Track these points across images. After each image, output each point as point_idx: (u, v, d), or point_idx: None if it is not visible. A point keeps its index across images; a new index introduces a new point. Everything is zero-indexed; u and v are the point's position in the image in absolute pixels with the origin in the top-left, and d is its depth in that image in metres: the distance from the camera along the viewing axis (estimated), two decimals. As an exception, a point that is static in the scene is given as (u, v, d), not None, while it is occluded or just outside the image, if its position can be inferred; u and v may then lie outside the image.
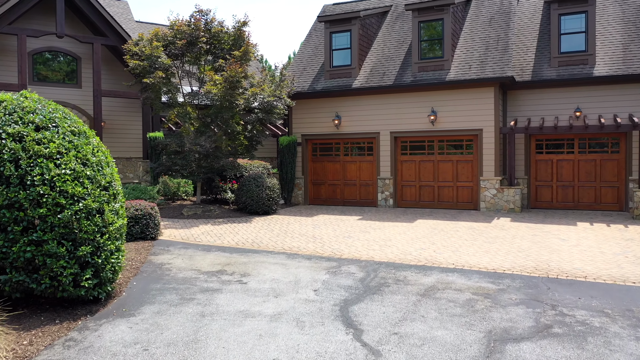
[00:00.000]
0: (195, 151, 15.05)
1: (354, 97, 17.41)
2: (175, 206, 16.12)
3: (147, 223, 10.98)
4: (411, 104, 16.63)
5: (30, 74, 17.84)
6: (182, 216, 14.75)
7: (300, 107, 18.24)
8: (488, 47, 16.56)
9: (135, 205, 11.06)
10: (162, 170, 15.58)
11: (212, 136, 14.93)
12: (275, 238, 11.67)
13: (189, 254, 9.84)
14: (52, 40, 18.09)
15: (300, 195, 18.39)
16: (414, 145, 16.99)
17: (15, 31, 16.26)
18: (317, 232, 12.43)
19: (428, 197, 16.78)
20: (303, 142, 18.31)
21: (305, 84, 18.18)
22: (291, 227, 13.30)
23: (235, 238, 11.67)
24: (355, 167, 17.80)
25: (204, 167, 15.14)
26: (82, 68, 18.78)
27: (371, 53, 18.36)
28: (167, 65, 14.76)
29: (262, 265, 8.86)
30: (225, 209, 16.01)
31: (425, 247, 10.45)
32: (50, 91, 18.19)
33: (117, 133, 19.35)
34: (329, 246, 10.68)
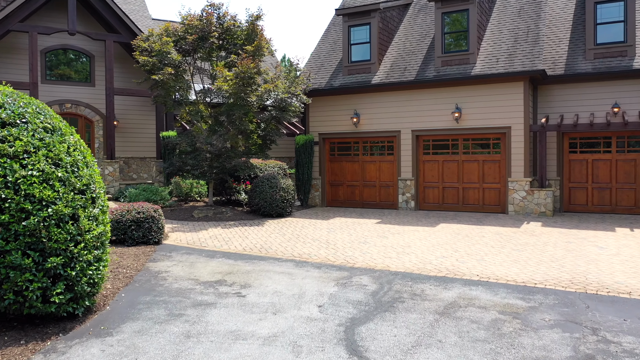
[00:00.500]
0: (206, 151, 14.43)
1: (374, 93, 16.56)
2: (186, 208, 15.54)
3: (149, 227, 10.37)
4: (434, 100, 15.69)
5: (42, 72, 17.53)
6: (192, 218, 14.15)
7: (317, 105, 17.48)
8: (517, 39, 15.49)
9: (137, 207, 10.47)
10: (173, 171, 15.02)
11: (224, 135, 14.29)
12: (286, 243, 10.92)
13: (190, 260, 9.17)
14: (65, 38, 17.75)
15: (317, 197, 17.63)
16: (437, 144, 16.04)
17: (26, 28, 15.93)
18: (331, 237, 11.64)
19: (452, 199, 15.82)
20: (320, 141, 17.54)
21: (322, 81, 17.40)
22: (304, 231, 12.55)
23: (243, 243, 10.98)
24: (375, 167, 16.95)
25: (216, 167, 14.52)
26: (95, 66, 18.41)
27: (392, 48, 17.47)
28: (177, 61, 14.17)
29: (266, 274, 8.12)
30: (238, 211, 15.35)
31: (447, 255, 9.55)
32: (62, 89, 17.87)
33: (131, 132, 18.93)
34: (342, 253, 9.88)
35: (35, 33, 16.02)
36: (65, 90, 17.92)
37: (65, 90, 17.91)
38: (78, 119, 18.29)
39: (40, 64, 17.44)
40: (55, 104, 17.74)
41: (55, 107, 17.75)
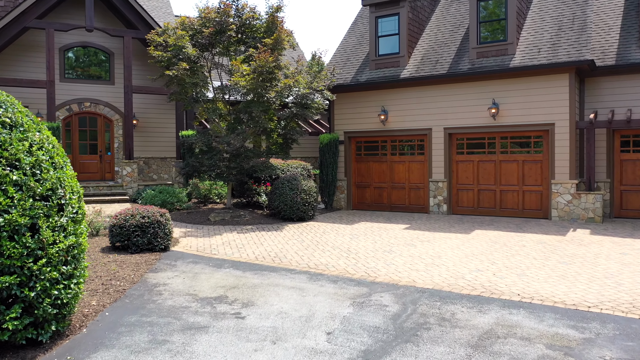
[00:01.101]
0: (222, 150, 13.62)
1: (402, 88, 15.43)
2: (204, 210, 14.79)
3: (155, 232, 9.59)
4: (468, 95, 14.45)
5: (61, 70, 17.13)
6: (208, 222, 13.36)
7: (342, 102, 16.47)
8: (561, 27, 14.10)
9: (142, 212, 9.70)
10: (189, 171, 14.28)
11: (241, 134, 13.45)
12: (303, 251, 9.97)
13: (195, 271, 8.32)
14: (84, 35, 17.30)
15: (342, 200, 16.62)
16: (471, 142, 14.79)
17: (42, 25, 15.51)
18: (354, 245, 10.62)
19: (488, 202, 14.54)
20: (346, 140, 16.53)
21: (348, 76, 16.38)
22: (325, 237, 11.57)
23: (257, 250, 10.08)
24: (404, 168, 15.81)
25: (233, 167, 13.70)
26: (114, 64, 17.90)
27: (422, 39, 16.30)
28: (192, 56, 13.41)
29: (274, 290, 7.18)
30: (258, 214, 14.49)
31: (483, 269, 8.40)
32: (81, 88, 17.43)
33: (151, 132, 18.36)
34: (363, 264, 8.86)
35: (51, 30, 15.57)
36: (84, 89, 17.47)
37: (84, 88, 17.46)
38: (97, 118, 17.83)
39: (58, 62, 17.04)
40: (74, 102, 17.31)
41: (74, 105, 17.32)
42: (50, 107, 15.59)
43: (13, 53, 16.46)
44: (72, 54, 17.50)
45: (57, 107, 16.96)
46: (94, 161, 17.76)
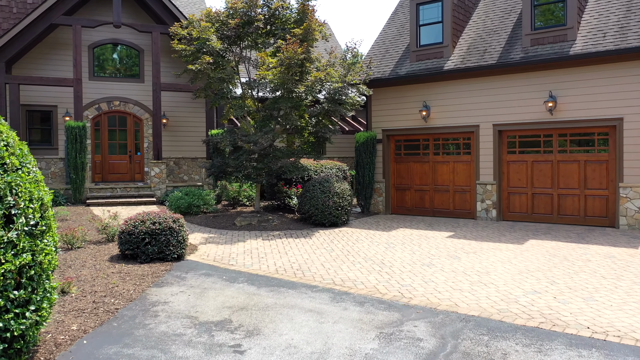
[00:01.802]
0: (249, 150, 12.68)
1: (446, 81, 14.04)
2: (231, 214, 13.91)
3: (166, 240, 8.69)
4: (521, 87, 12.92)
5: (90, 68, 16.70)
6: (233, 227, 12.46)
7: (380, 97, 15.24)
8: (630, 7, 12.36)
9: (152, 217, 8.83)
10: (215, 173, 13.43)
11: (270, 132, 12.46)
12: (330, 263, 8.85)
13: (204, 285, 7.35)
14: (113, 32, 16.82)
15: (380, 203, 15.37)
16: (525, 141, 13.24)
17: (69, 22, 15.07)
18: (389, 256, 9.41)
19: (544, 208, 12.96)
20: (384, 139, 15.27)
21: (386, 69, 15.13)
22: (358, 246, 10.40)
23: (279, 261, 9.04)
24: (448, 168, 14.41)
25: (260, 168, 12.73)
26: (144, 61, 17.35)
27: (469, 27, 14.84)
28: (217, 49, 12.53)
29: (287, 313, 6.09)
30: (288, 218, 13.48)
31: (541, 290, 7.03)
32: (110, 86, 16.96)
33: (181, 131, 17.70)
34: (397, 280, 7.65)
35: (78, 26, 15.11)
36: (114, 87, 17.00)
37: (113, 87, 16.99)
38: (127, 117, 17.32)
39: (87, 60, 16.62)
40: (104, 101, 16.85)
41: (103, 104, 16.87)
42: (77, 106, 15.13)
43: (41, 51, 16.14)
44: (102, 52, 17.06)
45: (86, 106, 16.55)
46: (124, 161, 17.26)
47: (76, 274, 7.66)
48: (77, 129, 14.60)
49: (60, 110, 16.31)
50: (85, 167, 14.78)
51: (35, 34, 14.66)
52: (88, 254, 9.02)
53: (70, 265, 8.21)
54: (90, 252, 9.22)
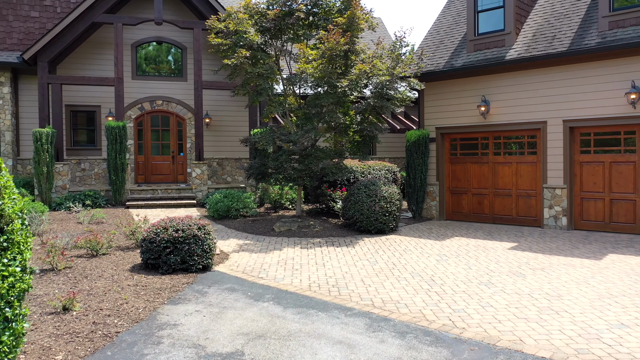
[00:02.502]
0: (288, 150, 11.79)
1: (508, 73, 12.57)
2: (271, 219, 13.07)
3: (190, 249, 7.90)
4: (597, 77, 11.28)
5: (133, 67, 16.39)
6: (271, 233, 11.59)
7: (433, 92, 13.94)
8: None
9: (175, 223, 8.06)
10: (254, 174, 12.64)
11: (311, 131, 11.50)
12: (372, 278, 7.77)
13: (225, 304, 6.47)
14: (156, 30, 16.45)
15: (433, 208, 14.06)
16: (601, 139, 11.58)
17: (110, 20, 14.75)
18: (440, 271, 8.21)
19: (625, 216, 11.26)
20: (438, 137, 13.95)
21: (440, 61, 13.80)
22: (406, 257, 9.24)
23: (315, 274, 8.05)
24: (510, 170, 12.92)
25: (301, 170, 11.81)
26: (187, 59, 16.88)
27: (534, 13, 13.26)
28: (255, 42, 11.71)
29: (311, 345, 5.09)
30: (331, 224, 12.48)
31: (629, 323, 5.65)
32: (153, 85, 16.59)
33: (225, 131, 17.09)
34: (448, 303, 6.47)
35: (119, 24, 14.77)
36: (156, 86, 16.62)
37: (155, 86, 16.61)
38: (170, 117, 16.91)
39: (130, 59, 16.32)
40: (146, 100, 16.51)
41: (146, 104, 16.53)
42: (118, 106, 14.80)
43: (85, 51, 15.98)
44: (145, 50, 16.73)
45: (129, 105, 16.26)
46: (167, 162, 16.86)
47: (89, 286, 7.00)
48: (117, 129, 14.24)
49: (103, 111, 16.10)
50: (125, 168, 14.41)
51: (77, 33, 14.44)
52: (110, 262, 8.39)
53: (87, 275, 7.57)
54: (114, 260, 8.59)
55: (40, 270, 7.74)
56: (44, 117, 14.36)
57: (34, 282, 7.13)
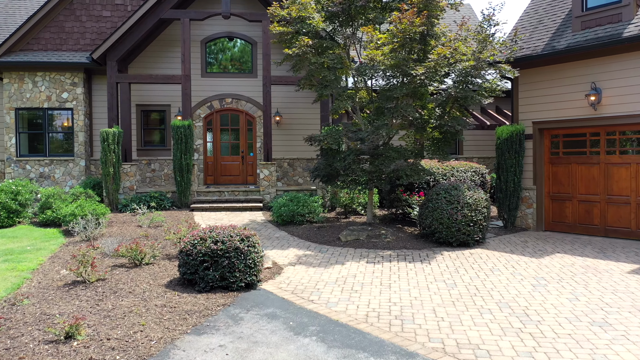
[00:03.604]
0: (356, 150, 10.43)
1: (627, 54, 10.28)
2: (340, 225, 11.78)
3: (231, 264, 6.82)
4: None
5: (202, 64, 15.85)
6: (337, 242, 10.30)
7: (529, 80, 11.89)
8: None
9: (216, 234, 7.01)
10: (319, 176, 11.42)
11: (381, 128, 10.06)
12: (447, 308, 6.23)
13: (257, 337, 5.29)
14: (227, 25, 15.80)
15: (529, 216, 12.01)
16: None
17: (177, 15, 14.24)
18: (537, 301, 6.47)
19: None
20: (535, 134, 11.88)
21: (538, 43, 11.72)
22: (492, 280, 7.54)
23: (376, 299, 6.66)
24: (628, 173, 10.60)
25: (371, 172, 10.40)
26: (257, 54, 16.05)
27: (662, -21, 10.80)
28: (319, 28, 10.48)
29: (348, 416, 3.72)
30: (406, 233, 10.94)
31: None
32: (222, 83, 15.96)
33: (296, 129, 16.05)
34: (548, 353, 4.84)
35: (187, 20, 14.21)
36: (226, 84, 15.96)
37: (225, 83, 15.96)
38: (239, 115, 16.18)
39: (200, 56, 15.79)
40: (216, 99, 15.90)
41: (215, 102, 15.92)
42: (185, 104, 14.26)
43: (155, 50, 15.67)
44: (214, 47, 16.13)
45: (198, 104, 15.75)
46: (236, 163, 16.15)
47: (112, 305, 6.12)
48: (183, 128, 13.68)
49: (173, 110, 15.70)
50: (191, 169, 13.82)
51: (145, 30, 14.07)
52: (149, 275, 7.54)
53: (117, 290, 6.73)
54: (155, 271, 7.74)
55: (71, 283, 7.03)
56: (113, 117, 14.14)
57: (55, 298, 6.40)
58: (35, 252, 9.37)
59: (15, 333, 5.18)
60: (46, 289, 6.83)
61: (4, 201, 12.08)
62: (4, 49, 14.18)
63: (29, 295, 6.50)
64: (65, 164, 14.76)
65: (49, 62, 14.25)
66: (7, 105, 14.51)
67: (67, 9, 14.84)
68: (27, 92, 14.59)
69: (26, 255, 9.09)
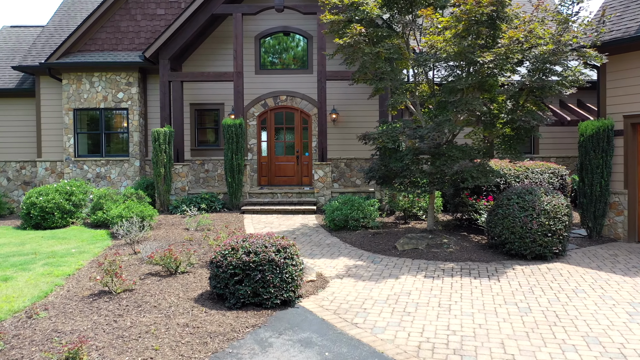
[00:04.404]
0: (414, 149, 9.36)
1: None
2: (397, 232, 10.74)
3: (264, 279, 6.02)
4: None
5: (256, 61, 15.28)
6: (393, 252, 9.28)
7: (620, 67, 10.26)
8: None
9: (247, 244, 6.24)
10: (373, 177, 10.44)
11: (443, 124, 8.94)
12: (519, 341, 5.11)
13: (284, 371, 4.44)
14: (282, 19, 15.16)
15: (619, 225, 10.37)
16: None
17: (229, 10, 13.73)
18: (637, 337, 5.17)
19: None
20: (627, 129, 10.24)
21: (632, 25, 10.07)
22: (576, 304, 6.27)
23: (432, 325, 5.64)
24: None
25: (431, 174, 9.30)
26: (312, 49, 15.27)
27: None
28: (373, 15, 9.50)
29: None
30: (472, 243, 9.73)
31: None
32: (277, 79, 15.32)
33: (354, 127, 15.10)
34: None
35: (239, 14, 13.68)
36: (280, 80, 15.30)
37: (279, 80, 15.30)
38: (294, 113, 15.47)
39: (254, 52, 15.24)
40: (270, 96, 15.28)
41: (269, 100, 15.31)
42: (237, 102, 13.74)
43: (208, 47, 15.29)
44: (269, 42, 15.52)
45: (252, 102, 15.21)
46: (291, 163, 15.46)
47: (131, 322, 5.51)
48: (234, 127, 13.15)
49: (226, 109, 15.26)
50: (243, 169, 13.26)
51: (197, 27, 13.68)
52: (181, 285, 6.92)
53: (142, 304, 6.13)
54: (188, 281, 7.12)
55: (97, 293, 6.53)
56: (165, 117, 13.87)
57: (75, 311, 5.88)
58: (77, 255, 9.08)
59: (15, 354, 4.66)
60: (70, 299, 6.36)
61: (58, 201, 12.05)
62: (62, 51, 14.29)
63: (49, 307, 6.04)
64: (121, 164, 14.69)
65: (104, 63, 14.21)
66: (66, 106, 14.63)
67: (123, 8, 14.76)
68: (85, 93, 14.65)
69: (67, 258, 8.81)
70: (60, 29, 16.44)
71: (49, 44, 15.64)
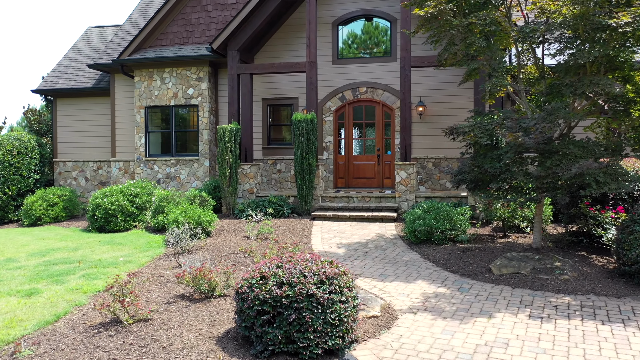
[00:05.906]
0: (516, 145, 7.30)
1: None
2: (493, 248, 8.70)
3: (301, 320, 4.47)
4: None
5: (334, 50, 13.80)
6: (486, 276, 7.31)
7: None
8: None
9: (282, 272, 4.72)
10: (463, 181, 8.48)
11: (557, 111, 6.82)
12: None
13: None
14: (361, 1, 13.50)
15: None
16: None
17: (301, -7, 12.38)
18: None
19: None
20: None
21: None
22: None
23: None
24: None
25: (537, 176, 7.20)
26: (396, 34, 13.46)
27: None
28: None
29: None
30: (595, 267, 7.46)
31: None
32: (355, 70, 13.72)
33: (444, 121, 13.05)
34: None
35: (312, -2, 12.27)
36: (360, 70, 13.67)
37: (359, 70, 13.68)
38: (375, 107, 13.76)
39: (331, 40, 13.76)
40: (348, 88, 13.72)
41: (347, 92, 13.75)
42: (309, 95, 12.36)
43: (280, 37, 14.05)
44: (348, 28, 13.93)
45: (328, 95, 13.77)
46: (371, 163, 13.78)
47: (123, 373, 4.22)
48: (304, 122, 11.76)
49: (301, 104, 13.93)
50: (314, 170, 11.85)
51: (267, 14, 12.48)
52: (209, 316, 5.59)
53: (150, 343, 4.86)
54: (219, 310, 5.77)
55: (108, 322, 5.38)
56: (233, 113, 12.83)
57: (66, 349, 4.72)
58: (122, 265, 8.17)
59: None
60: (74, 329, 5.27)
61: (122, 203, 11.43)
62: (134, 46, 13.81)
63: (43, 341, 4.96)
64: (190, 164, 13.92)
65: (174, 57, 13.50)
66: (138, 104, 14.15)
67: (194, -1, 13.99)
68: (156, 90, 14.07)
69: (110, 269, 7.91)
70: (137, 26, 16.11)
71: (124, 42, 15.32)
